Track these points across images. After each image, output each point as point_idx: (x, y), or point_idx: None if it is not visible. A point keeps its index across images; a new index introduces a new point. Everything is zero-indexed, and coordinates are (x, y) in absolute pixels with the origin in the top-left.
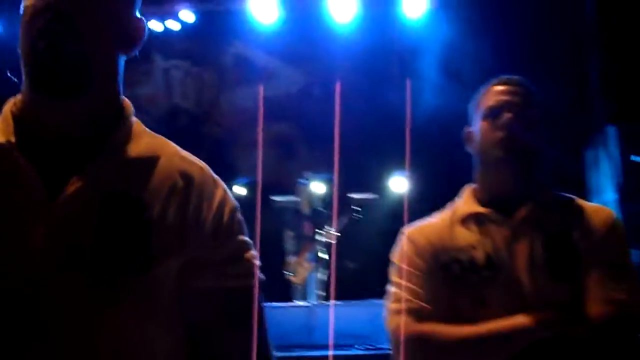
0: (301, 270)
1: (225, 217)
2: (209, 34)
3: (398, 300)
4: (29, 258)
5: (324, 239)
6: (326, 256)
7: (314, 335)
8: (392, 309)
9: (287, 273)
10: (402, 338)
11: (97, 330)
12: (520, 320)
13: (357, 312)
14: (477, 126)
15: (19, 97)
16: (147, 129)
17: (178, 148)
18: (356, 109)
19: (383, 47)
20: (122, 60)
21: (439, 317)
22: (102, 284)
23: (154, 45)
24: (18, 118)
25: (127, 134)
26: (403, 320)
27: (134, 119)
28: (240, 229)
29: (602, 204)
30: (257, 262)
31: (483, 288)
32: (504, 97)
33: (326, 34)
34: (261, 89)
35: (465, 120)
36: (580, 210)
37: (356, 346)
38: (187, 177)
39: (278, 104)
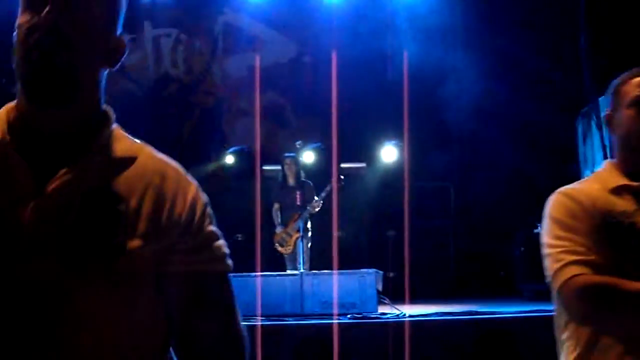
0: (289, 240)
1: (198, 211)
2: (199, 1)
3: (567, 252)
4: (16, 243)
5: (311, 209)
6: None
7: (305, 303)
8: (563, 260)
9: (275, 243)
10: (581, 288)
11: (73, 312)
12: None
13: (346, 280)
14: (621, 113)
15: (12, 104)
16: (126, 134)
17: (154, 150)
18: (347, 78)
19: (374, 16)
20: (104, 73)
21: (607, 272)
22: (77, 268)
23: (143, 13)
24: (12, 122)
25: (108, 138)
26: (579, 271)
27: (115, 125)
28: (211, 221)
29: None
30: (227, 251)
31: None
32: None
33: (317, 3)
34: (257, 59)
35: (456, 87)
36: None
37: (348, 315)
38: (162, 175)
39: (268, 73)
